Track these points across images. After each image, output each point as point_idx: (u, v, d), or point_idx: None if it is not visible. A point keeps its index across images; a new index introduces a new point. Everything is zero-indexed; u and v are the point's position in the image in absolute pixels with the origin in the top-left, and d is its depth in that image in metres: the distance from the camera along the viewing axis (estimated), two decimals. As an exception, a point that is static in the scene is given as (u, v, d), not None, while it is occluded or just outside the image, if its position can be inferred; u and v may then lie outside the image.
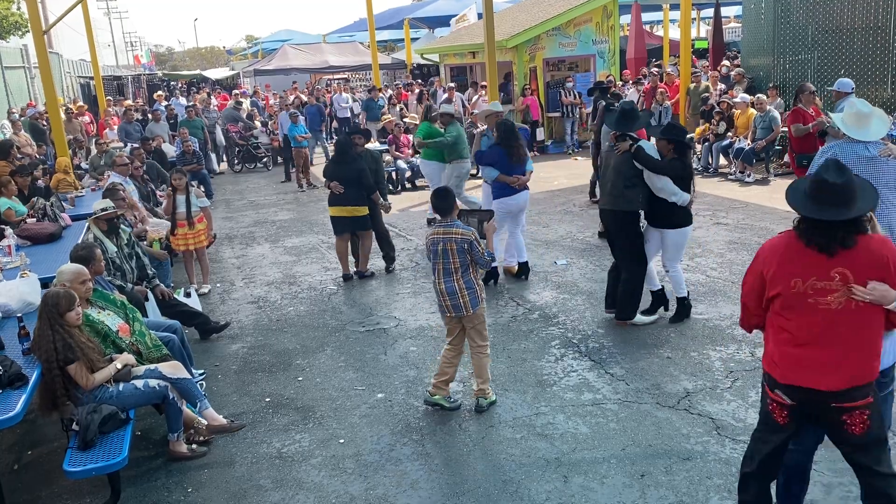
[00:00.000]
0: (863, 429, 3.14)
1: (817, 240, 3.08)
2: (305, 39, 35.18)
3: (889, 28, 11.76)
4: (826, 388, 3.10)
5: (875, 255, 3.04)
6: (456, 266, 4.97)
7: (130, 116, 16.14)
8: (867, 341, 3.10)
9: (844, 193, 3.04)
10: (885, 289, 3.01)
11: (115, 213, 6.44)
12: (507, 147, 7.45)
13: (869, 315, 3.07)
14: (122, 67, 56.56)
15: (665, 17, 26.80)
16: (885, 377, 3.31)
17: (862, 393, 3.10)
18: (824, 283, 3.07)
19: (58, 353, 4.28)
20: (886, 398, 3.38)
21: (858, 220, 3.07)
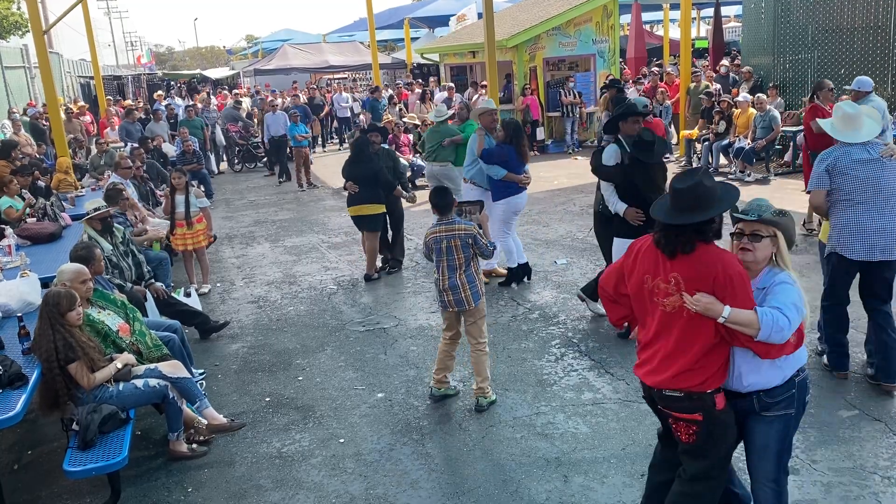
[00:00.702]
0: (689, 439, 3.20)
1: (659, 240, 3.15)
2: (305, 39, 35.20)
3: (889, 28, 11.76)
4: (650, 383, 3.23)
5: (705, 268, 3.02)
6: (460, 262, 5.06)
7: (133, 116, 16.14)
8: (694, 350, 3.07)
9: (691, 199, 3.04)
10: (709, 301, 2.98)
11: (108, 211, 6.47)
12: (518, 145, 7.44)
13: (698, 325, 3.05)
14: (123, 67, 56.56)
15: (665, 16, 26.81)
16: (770, 397, 3.15)
17: (689, 405, 3.12)
18: (665, 284, 3.12)
19: (58, 352, 4.28)
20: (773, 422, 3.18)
21: (697, 226, 3.04)
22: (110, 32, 69.98)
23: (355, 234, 10.36)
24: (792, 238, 3.17)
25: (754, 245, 3.11)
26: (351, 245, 9.97)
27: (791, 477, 4.07)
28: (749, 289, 3.04)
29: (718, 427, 3.16)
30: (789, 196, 10.57)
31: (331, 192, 14.28)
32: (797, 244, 8.33)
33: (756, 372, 3.13)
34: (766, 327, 2.92)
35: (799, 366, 3.20)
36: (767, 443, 3.22)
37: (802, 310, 3.05)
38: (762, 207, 3.13)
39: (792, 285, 3.08)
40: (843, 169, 4.85)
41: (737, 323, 2.96)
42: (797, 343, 3.09)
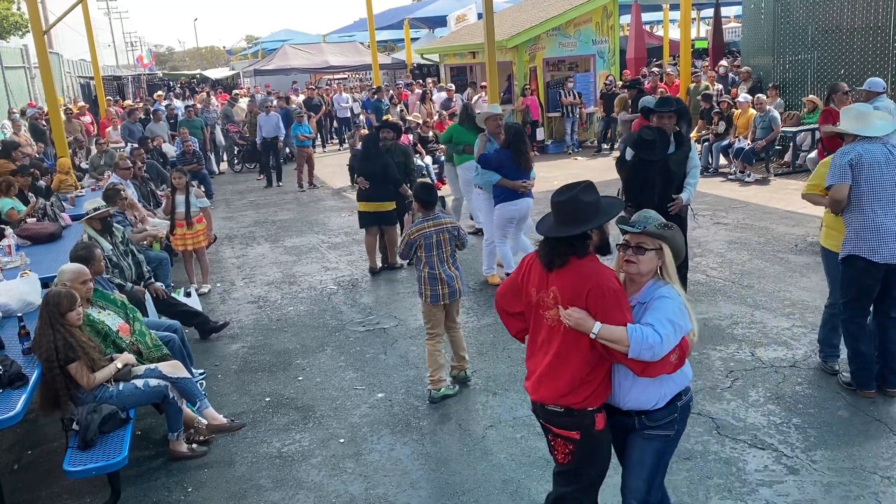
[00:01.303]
0: (564, 459, 3.17)
1: (538, 252, 3.16)
2: (305, 39, 35.18)
3: (889, 28, 11.76)
4: (535, 398, 3.19)
5: (580, 282, 2.99)
6: (447, 254, 5.33)
7: (135, 116, 16.14)
8: (573, 366, 3.04)
9: (564, 212, 3.04)
10: (581, 315, 2.94)
11: (108, 211, 6.47)
12: (516, 152, 7.17)
13: (575, 340, 3.01)
14: (123, 68, 56.58)
15: (665, 17, 26.80)
16: (651, 421, 3.09)
17: (569, 422, 3.09)
18: (546, 298, 3.11)
19: (58, 352, 4.28)
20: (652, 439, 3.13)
21: (570, 240, 3.01)
22: (110, 33, 70.00)
23: (355, 235, 10.38)
24: (679, 251, 3.10)
25: (638, 257, 3.05)
26: (350, 245, 9.98)
27: (791, 477, 4.09)
28: (623, 305, 2.99)
29: (594, 448, 3.13)
30: (789, 196, 10.58)
31: (331, 192, 14.28)
32: (797, 244, 8.34)
33: (637, 390, 3.07)
34: (634, 344, 2.86)
35: (682, 388, 3.13)
36: (643, 459, 3.18)
37: (681, 324, 2.96)
38: (648, 220, 3.07)
39: (671, 300, 3.00)
40: (866, 165, 4.66)
41: (607, 339, 2.92)
42: (678, 362, 3.00)
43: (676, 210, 6.13)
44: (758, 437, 4.51)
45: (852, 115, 4.95)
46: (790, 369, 5.38)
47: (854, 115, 4.94)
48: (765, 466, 4.21)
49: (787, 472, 4.15)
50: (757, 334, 6.04)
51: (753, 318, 6.39)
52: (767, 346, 5.81)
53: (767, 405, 4.89)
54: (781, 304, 6.64)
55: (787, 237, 8.66)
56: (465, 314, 7.01)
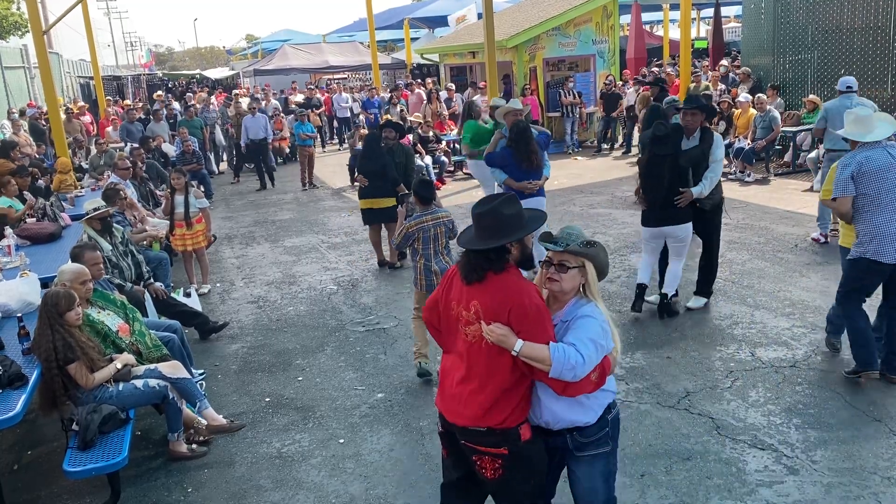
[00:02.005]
0: (494, 475, 3.04)
1: (458, 264, 3.08)
2: (305, 39, 35.17)
3: (889, 28, 11.76)
4: (451, 419, 3.06)
5: (502, 297, 2.90)
6: (443, 245, 5.61)
7: (133, 116, 16.13)
8: (495, 383, 2.94)
9: (482, 225, 2.97)
10: (503, 332, 2.85)
11: (108, 211, 6.47)
12: (518, 150, 7.07)
13: (497, 356, 2.92)
14: (122, 68, 56.59)
15: (665, 17, 26.82)
16: (583, 437, 3.03)
17: (494, 440, 2.97)
18: (466, 312, 3.00)
19: (57, 352, 4.28)
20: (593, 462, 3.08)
21: (486, 254, 2.93)
22: (110, 33, 70.03)
23: (355, 235, 10.39)
24: (603, 269, 3.05)
25: (560, 275, 2.97)
26: (350, 245, 9.98)
27: (791, 477, 4.09)
28: (546, 322, 2.91)
29: (525, 460, 3.02)
30: (789, 196, 10.58)
31: (331, 192, 14.27)
32: (797, 244, 8.33)
33: (563, 409, 3.00)
34: (556, 363, 2.80)
35: (609, 401, 3.09)
36: (593, 486, 3.13)
37: (603, 344, 2.91)
38: (571, 237, 3.00)
39: (594, 318, 2.94)
40: (868, 174, 4.79)
41: (529, 357, 2.84)
42: (599, 381, 2.94)
43: (683, 203, 6.22)
44: (758, 437, 4.51)
45: (851, 119, 5.00)
46: (790, 369, 5.38)
47: (853, 119, 4.99)
48: (765, 466, 4.21)
49: (787, 472, 4.15)
50: (757, 334, 6.04)
51: (753, 318, 6.38)
52: (767, 346, 5.81)
53: (767, 405, 4.89)
54: (781, 304, 6.64)
55: (787, 237, 8.66)
56: (465, 314, 7.01)
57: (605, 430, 3.07)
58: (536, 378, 2.95)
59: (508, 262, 2.98)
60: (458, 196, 12.34)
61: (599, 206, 11.05)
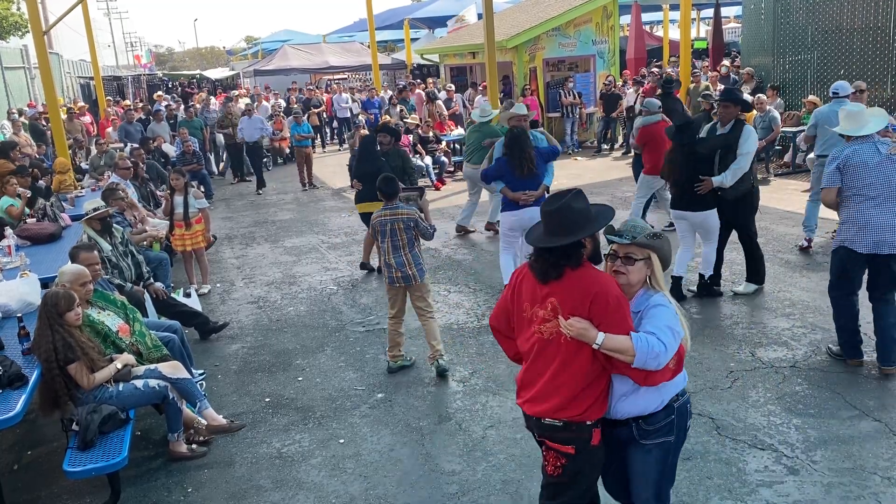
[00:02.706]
0: (553, 472, 3.10)
1: (531, 265, 3.09)
2: (305, 39, 35.18)
3: (889, 28, 11.76)
4: (531, 413, 3.11)
5: (580, 292, 2.93)
6: (403, 242, 5.64)
7: (131, 116, 16.12)
8: (574, 378, 2.97)
9: (555, 222, 2.98)
10: (584, 326, 2.88)
11: (107, 211, 6.47)
12: (512, 158, 6.76)
13: (576, 351, 2.95)
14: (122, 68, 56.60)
15: (665, 17, 26.80)
16: (648, 424, 3.05)
17: (566, 436, 3.02)
18: (542, 311, 3.02)
19: (57, 352, 4.28)
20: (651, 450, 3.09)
21: (564, 250, 2.95)
22: (110, 33, 70.06)
23: (355, 235, 10.39)
24: (667, 260, 3.09)
25: (627, 268, 3.01)
26: (350, 245, 9.98)
27: (791, 477, 4.09)
28: (626, 313, 2.94)
29: (587, 464, 3.07)
30: (789, 196, 10.58)
31: (331, 192, 14.27)
32: (797, 244, 8.33)
33: (634, 398, 3.03)
34: (641, 353, 2.82)
35: (678, 390, 3.10)
36: (646, 470, 3.14)
37: (679, 331, 2.94)
38: (636, 229, 3.04)
39: (667, 307, 2.99)
40: (853, 166, 5.05)
41: (611, 349, 2.86)
42: (677, 368, 2.98)
43: (703, 190, 6.48)
44: (758, 438, 4.51)
45: (844, 115, 5.26)
46: (790, 369, 5.38)
47: (845, 115, 5.25)
48: (765, 467, 4.21)
49: (787, 472, 4.15)
50: (757, 334, 6.04)
51: (753, 318, 6.39)
52: (767, 346, 5.81)
53: (767, 405, 4.89)
54: (781, 304, 6.64)
55: (787, 237, 8.66)
56: (464, 314, 7.01)
57: (671, 417, 3.07)
58: (616, 371, 2.96)
59: (583, 256, 3.00)
60: (459, 196, 12.33)
61: (599, 207, 11.03)
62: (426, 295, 5.77)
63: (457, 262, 8.79)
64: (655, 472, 3.13)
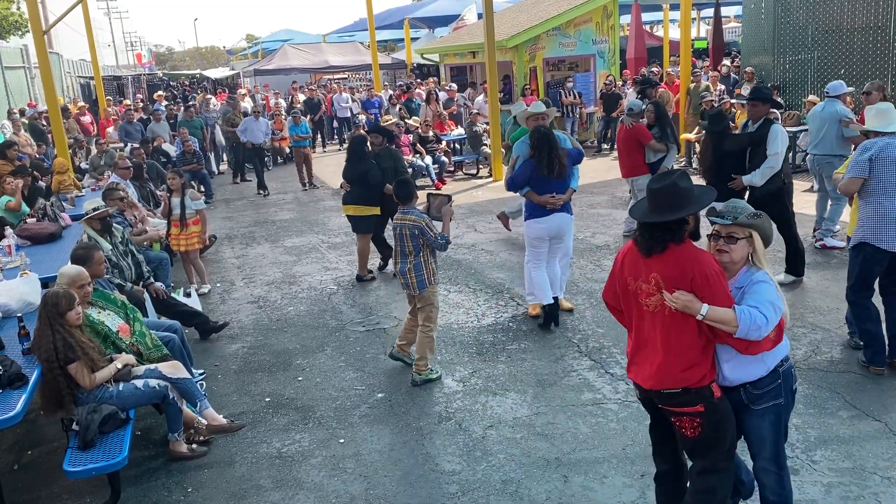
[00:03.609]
0: (693, 433, 3.26)
1: (637, 240, 3.27)
2: (305, 39, 35.17)
3: (889, 28, 11.76)
4: (647, 386, 3.30)
5: (682, 267, 3.12)
6: (409, 250, 5.48)
7: (131, 116, 16.12)
8: (682, 348, 3.17)
9: (662, 199, 3.15)
10: (688, 298, 3.07)
11: (107, 211, 6.46)
12: (541, 159, 6.15)
13: (682, 322, 3.14)
14: (123, 67, 56.62)
15: (665, 17, 26.81)
16: (757, 389, 3.25)
17: (688, 399, 3.20)
18: (646, 285, 3.22)
19: (58, 352, 4.28)
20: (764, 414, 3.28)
21: (668, 226, 3.14)
22: (110, 33, 70.09)
23: (355, 235, 10.38)
24: (768, 238, 3.27)
25: (730, 247, 3.20)
26: (350, 245, 9.97)
27: (791, 477, 4.08)
28: (726, 287, 3.12)
29: (720, 415, 3.23)
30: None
31: (331, 192, 14.27)
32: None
33: (740, 366, 3.23)
34: (743, 325, 3.02)
35: (782, 356, 3.29)
36: (762, 433, 3.33)
37: (780, 307, 3.14)
38: (738, 210, 3.21)
39: (769, 284, 3.17)
40: (885, 158, 5.05)
41: (715, 320, 3.06)
42: (776, 339, 3.18)
43: (735, 187, 6.65)
44: (758, 438, 4.51)
45: (872, 114, 5.34)
46: (790, 369, 5.37)
47: (874, 114, 5.32)
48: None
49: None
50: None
51: (753, 318, 6.38)
52: (767, 346, 5.80)
53: (767, 405, 4.88)
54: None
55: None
56: (464, 314, 7.01)
57: (778, 381, 3.26)
58: (719, 341, 3.16)
59: (686, 233, 3.18)
60: (459, 196, 12.34)
61: (599, 207, 11.06)
62: (426, 308, 5.60)
63: (457, 262, 8.79)
64: (772, 435, 3.32)
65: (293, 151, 15.07)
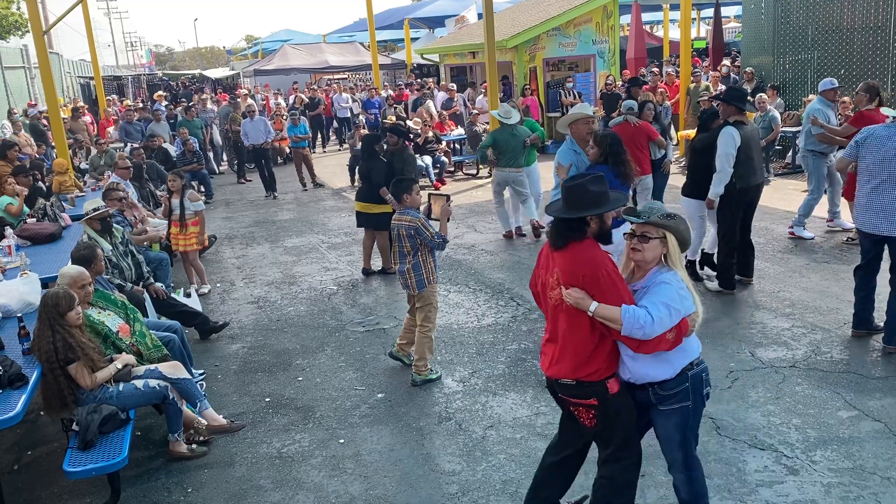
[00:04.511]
0: (591, 423, 3.41)
1: (548, 232, 3.40)
2: (305, 39, 35.18)
3: (889, 28, 11.76)
4: (547, 375, 3.47)
5: (577, 264, 3.23)
6: (407, 249, 5.50)
7: (131, 116, 16.12)
8: (577, 342, 3.28)
9: (568, 197, 3.29)
10: (580, 295, 3.18)
11: (107, 211, 6.46)
12: (617, 164, 5.66)
13: (577, 317, 3.25)
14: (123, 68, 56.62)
15: (665, 17, 26.82)
16: (663, 390, 3.31)
17: (583, 392, 3.34)
18: (551, 279, 3.35)
19: (58, 353, 4.28)
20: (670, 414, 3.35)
21: (570, 223, 3.26)
22: (110, 33, 70.10)
23: (355, 235, 10.39)
24: (685, 240, 3.32)
25: (643, 245, 3.27)
26: (350, 245, 9.98)
27: (791, 477, 4.09)
28: (618, 287, 3.20)
29: (612, 409, 3.34)
30: (789, 196, 10.57)
31: (331, 192, 14.28)
32: (797, 245, 8.33)
33: (644, 365, 3.29)
34: (626, 323, 3.10)
35: (690, 359, 3.34)
36: (668, 434, 3.41)
37: (678, 308, 3.17)
38: (652, 210, 3.28)
39: (670, 285, 3.21)
40: (868, 142, 5.36)
41: (603, 317, 3.16)
42: (675, 340, 3.20)
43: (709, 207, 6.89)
44: (757, 438, 4.51)
45: None
46: (790, 369, 5.38)
47: None
48: (765, 467, 4.21)
49: (787, 472, 4.15)
50: (757, 334, 6.04)
51: (753, 318, 6.39)
52: (767, 346, 5.81)
53: (767, 405, 4.89)
54: (781, 304, 6.64)
55: (787, 237, 8.66)
56: (464, 314, 7.01)
57: (685, 385, 3.31)
58: (615, 338, 3.25)
59: (587, 233, 3.28)
60: (459, 196, 12.34)
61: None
62: (425, 308, 5.61)
63: (457, 262, 8.79)
64: (678, 436, 3.39)
65: (292, 152, 15.06)
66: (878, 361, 5.40)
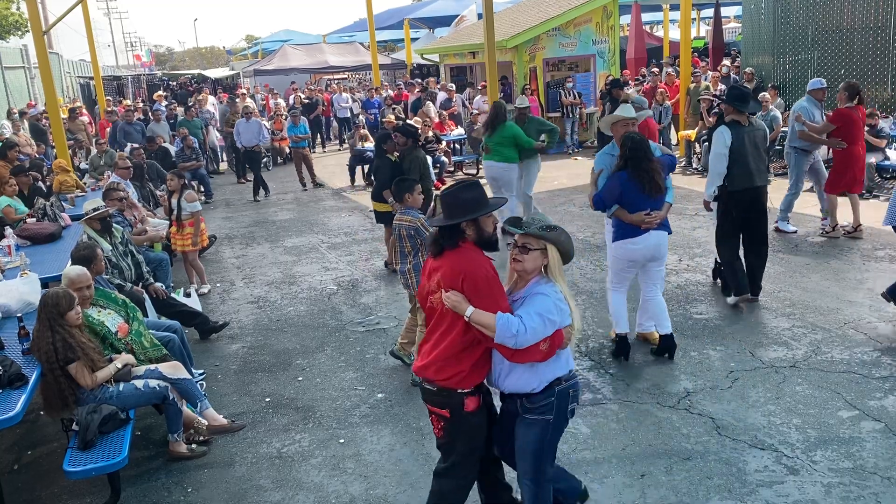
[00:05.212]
0: (438, 433, 3.46)
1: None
2: (305, 39, 35.21)
3: (889, 28, 11.76)
4: (413, 370, 3.50)
5: (456, 269, 3.25)
6: (408, 250, 5.52)
7: (131, 117, 16.11)
8: (447, 344, 3.29)
9: (446, 205, 3.33)
10: (458, 299, 3.20)
11: (107, 211, 6.46)
12: (636, 170, 5.29)
13: (452, 321, 3.28)
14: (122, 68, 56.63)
15: (665, 17, 26.84)
16: (530, 403, 3.32)
17: (440, 401, 3.35)
18: (432, 284, 3.37)
19: (57, 353, 4.28)
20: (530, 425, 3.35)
21: (443, 231, 3.31)
22: (110, 33, 70.18)
23: (355, 235, 10.40)
24: (567, 252, 3.34)
25: (523, 256, 3.29)
26: (350, 245, 9.98)
27: (791, 477, 4.09)
28: (496, 293, 3.23)
29: (463, 427, 3.36)
30: (789, 196, 10.56)
31: (331, 192, 14.28)
32: (797, 245, 8.33)
33: (514, 375, 3.30)
34: (499, 330, 3.11)
35: (559, 374, 3.33)
36: (524, 444, 3.39)
37: (553, 319, 3.17)
38: (533, 222, 3.29)
39: (547, 296, 3.22)
40: None
41: (478, 323, 3.17)
42: (549, 351, 3.21)
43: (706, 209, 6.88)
44: (758, 438, 4.51)
45: None
46: (790, 369, 5.38)
47: None
48: (765, 467, 4.21)
49: (787, 472, 4.15)
50: (757, 334, 6.04)
51: (753, 318, 6.39)
52: (768, 346, 5.81)
53: (767, 405, 4.89)
54: (781, 304, 6.64)
55: (787, 237, 8.66)
56: (465, 314, 7.00)
57: (551, 399, 3.32)
58: (488, 344, 3.25)
59: (463, 239, 3.30)
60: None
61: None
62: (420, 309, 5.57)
63: (457, 262, 8.77)
64: (533, 446, 3.37)
65: (292, 152, 15.05)
66: (879, 361, 5.40)
